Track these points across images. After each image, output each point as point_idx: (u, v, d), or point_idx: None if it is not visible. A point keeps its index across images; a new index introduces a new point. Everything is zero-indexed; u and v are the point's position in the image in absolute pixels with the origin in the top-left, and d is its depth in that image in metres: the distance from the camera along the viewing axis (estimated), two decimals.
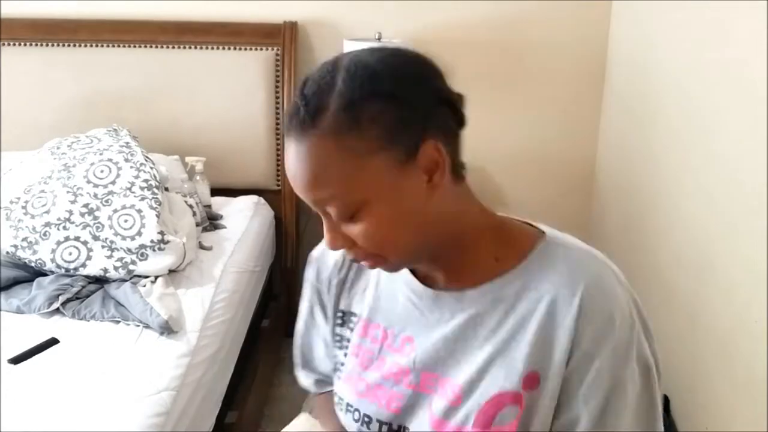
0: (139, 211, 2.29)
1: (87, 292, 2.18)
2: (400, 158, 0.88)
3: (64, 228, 2.25)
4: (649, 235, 2.77)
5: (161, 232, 2.27)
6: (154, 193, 2.35)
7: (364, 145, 0.86)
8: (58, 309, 2.10)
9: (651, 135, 2.75)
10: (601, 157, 3.37)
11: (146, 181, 2.37)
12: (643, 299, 2.91)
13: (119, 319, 2.06)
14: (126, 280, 2.22)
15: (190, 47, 3.09)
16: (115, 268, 2.24)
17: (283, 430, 1.22)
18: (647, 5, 2.82)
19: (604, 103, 3.32)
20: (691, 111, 2.42)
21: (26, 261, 2.27)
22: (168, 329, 1.98)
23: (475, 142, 3.46)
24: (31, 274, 2.27)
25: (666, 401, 2.51)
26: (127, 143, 2.54)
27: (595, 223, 3.44)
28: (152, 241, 2.25)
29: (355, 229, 0.90)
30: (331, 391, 1.16)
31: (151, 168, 2.44)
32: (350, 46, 2.95)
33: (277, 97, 3.12)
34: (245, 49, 3.10)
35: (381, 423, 1.03)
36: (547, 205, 3.50)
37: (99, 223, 2.27)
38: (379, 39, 2.94)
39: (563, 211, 3.51)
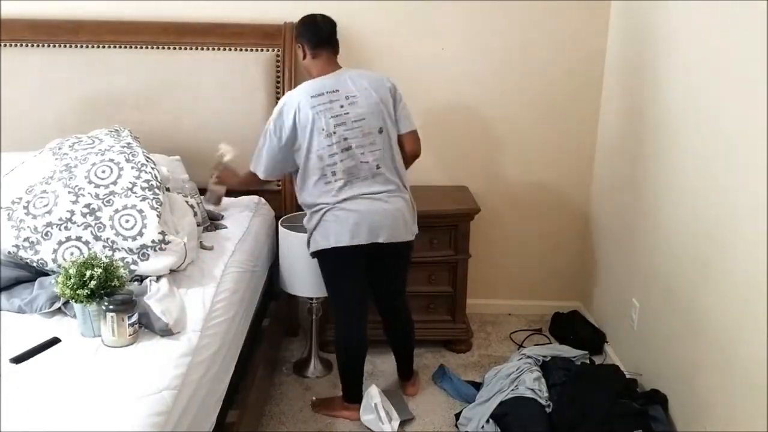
0: (141, 211, 2.30)
1: None
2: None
3: (66, 228, 2.26)
4: (648, 235, 2.77)
5: (162, 233, 2.28)
6: (155, 193, 2.36)
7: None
8: (59, 309, 2.12)
9: (650, 134, 2.76)
10: (600, 156, 3.37)
11: (147, 181, 2.38)
12: (644, 299, 2.91)
13: None
14: (128, 281, 2.23)
15: (190, 48, 3.10)
16: None
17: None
18: (647, 5, 2.83)
19: (603, 102, 3.33)
20: (690, 110, 2.43)
21: (28, 261, 2.28)
22: (168, 332, 2.00)
23: (476, 143, 3.46)
24: (33, 274, 2.28)
25: (665, 400, 2.51)
26: (129, 144, 2.55)
27: (595, 223, 3.45)
28: (153, 241, 2.26)
29: None
30: None
31: (153, 168, 2.45)
32: None
33: (278, 98, 3.12)
34: (246, 50, 3.11)
35: None
36: (547, 206, 3.51)
37: (100, 223, 2.27)
38: None
39: (563, 213, 3.52)
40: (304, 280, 2.86)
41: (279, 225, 2.91)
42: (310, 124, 2.44)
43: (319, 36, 2.53)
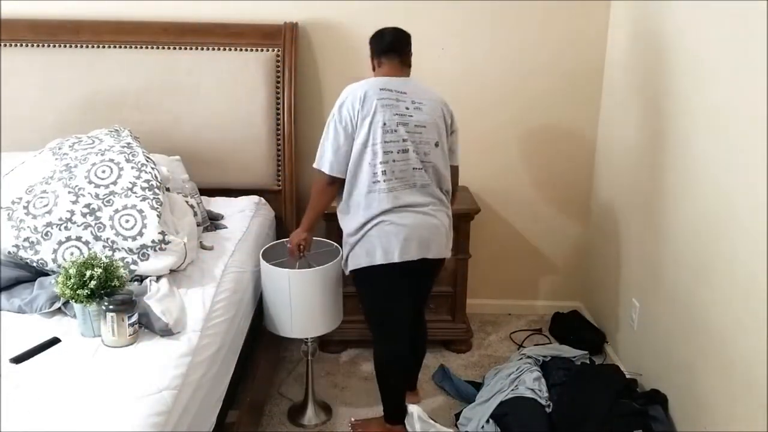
0: (141, 211, 2.30)
1: None
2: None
3: (66, 228, 2.26)
4: (648, 235, 2.77)
5: (162, 233, 2.28)
6: (155, 193, 2.36)
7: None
8: (59, 309, 2.12)
9: (650, 135, 2.76)
10: (600, 156, 3.37)
11: (147, 181, 2.38)
12: (644, 298, 2.90)
13: None
14: (128, 281, 2.23)
15: (191, 48, 3.10)
16: None
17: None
18: (645, 5, 2.83)
19: (603, 102, 3.33)
20: (690, 110, 2.43)
21: (28, 261, 2.28)
22: (168, 332, 2.00)
23: (476, 143, 3.44)
24: (33, 274, 2.28)
25: (665, 400, 2.51)
26: (129, 144, 2.55)
27: (595, 223, 3.45)
28: (153, 242, 2.26)
29: None
30: None
31: (153, 168, 2.45)
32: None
33: (278, 98, 3.13)
34: (246, 49, 3.11)
35: None
36: (547, 206, 3.51)
37: (100, 223, 2.28)
38: None
39: (563, 213, 3.52)
40: (296, 318, 2.55)
41: (260, 258, 2.58)
42: (371, 115, 2.32)
43: (382, 43, 2.47)
